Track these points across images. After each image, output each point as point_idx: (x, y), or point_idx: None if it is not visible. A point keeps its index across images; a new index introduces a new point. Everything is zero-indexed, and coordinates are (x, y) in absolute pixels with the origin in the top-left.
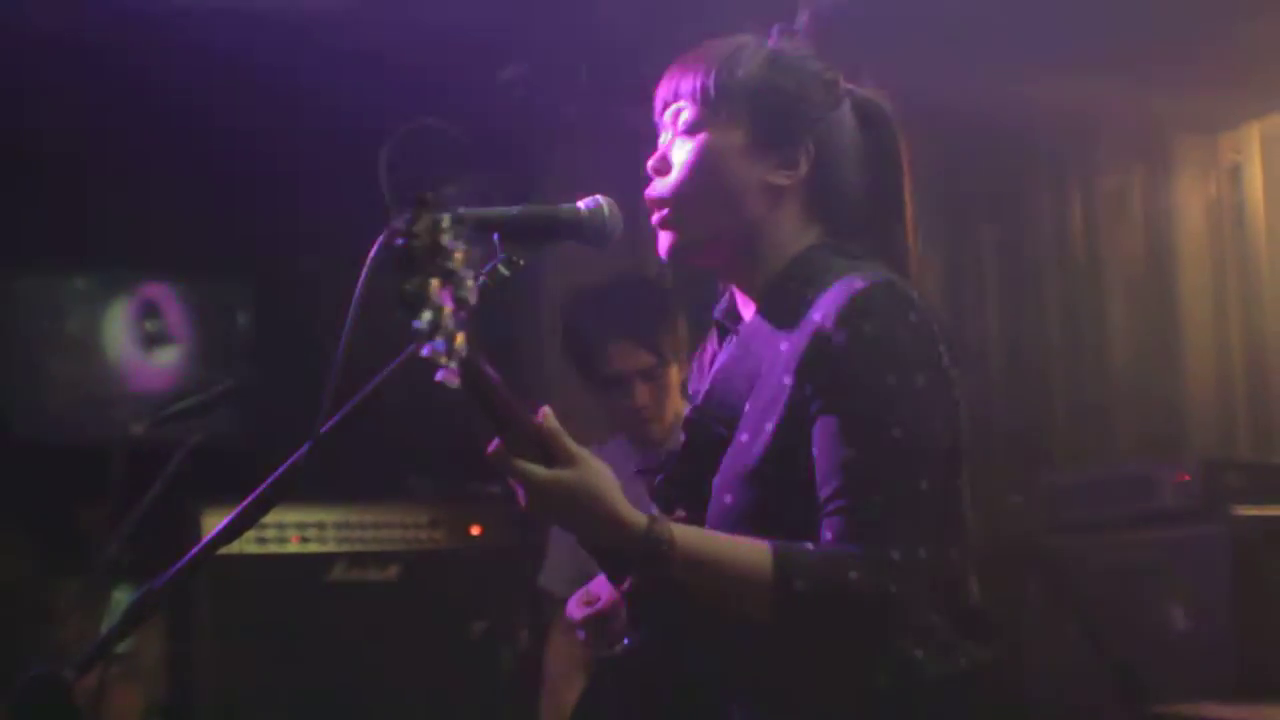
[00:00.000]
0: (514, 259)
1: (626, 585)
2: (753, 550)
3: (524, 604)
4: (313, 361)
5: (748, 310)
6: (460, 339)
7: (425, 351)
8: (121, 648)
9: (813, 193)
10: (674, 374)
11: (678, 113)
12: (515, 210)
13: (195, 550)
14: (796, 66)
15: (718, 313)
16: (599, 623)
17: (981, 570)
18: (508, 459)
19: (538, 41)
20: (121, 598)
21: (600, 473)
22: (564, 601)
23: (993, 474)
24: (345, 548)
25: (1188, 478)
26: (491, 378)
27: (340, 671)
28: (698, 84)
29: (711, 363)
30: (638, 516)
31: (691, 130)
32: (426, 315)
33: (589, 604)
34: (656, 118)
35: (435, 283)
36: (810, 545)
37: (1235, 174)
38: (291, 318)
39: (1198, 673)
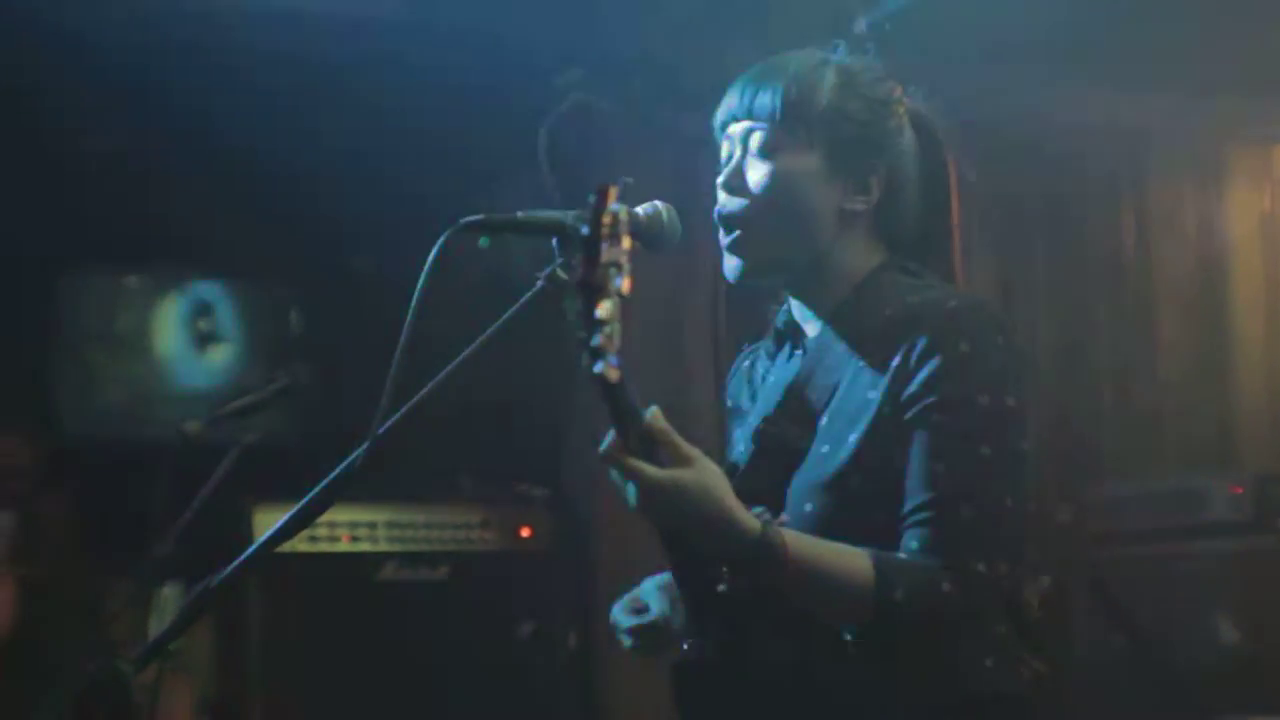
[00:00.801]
0: (572, 263)
1: (716, 588)
2: (855, 556)
3: (572, 606)
4: (363, 361)
5: (810, 325)
6: (619, 332)
7: (595, 341)
8: (173, 644)
9: (881, 215)
10: None
11: (750, 131)
12: (573, 214)
13: (254, 548)
14: (870, 91)
15: (779, 323)
16: (649, 633)
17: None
18: (621, 457)
19: (592, 46)
20: (170, 595)
21: (713, 472)
22: None
23: (1043, 486)
24: (396, 547)
25: (1240, 490)
26: (628, 372)
27: (388, 671)
28: (774, 105)
29: (763, 376)
30: (751, 518)
31: (768, 152)
32: (606, 305)
33: (637, 611)
34: (719, 129)
35: (611, 273)
36: (903, 556)
37: None
38: (342, 317)
39: (1246, 685)
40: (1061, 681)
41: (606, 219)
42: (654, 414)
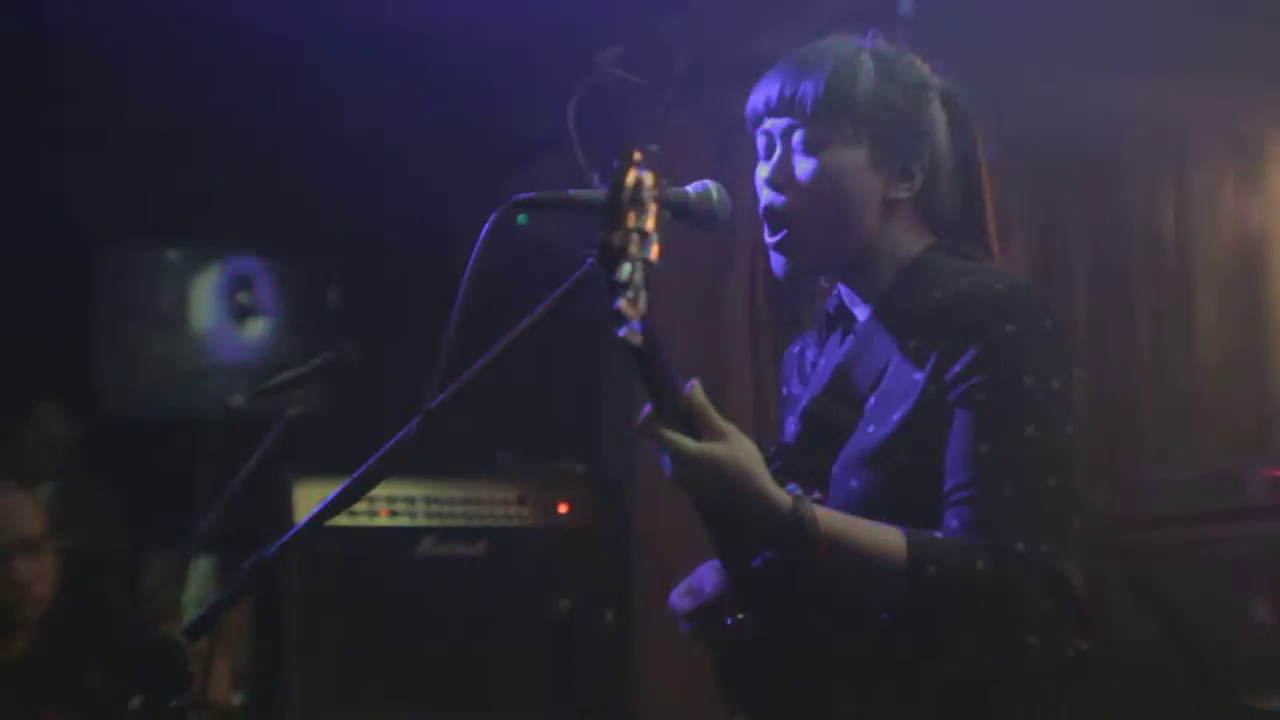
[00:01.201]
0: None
1: (756, 564)
2: (888, 534)
3: (610, 582)
4: (400, 336)
5: (859, 309)
6: (645, 298)
7: (617, 305)
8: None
9: (922, 198)
10: None
11: (792, 126)
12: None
13: (306, 520)
14: (907, 77)
15: (830, 308)
16: (707, 615)
17: None
18: (657, 428)
19: (634, 24)
20: (204, 568)
21: (748, 449)
22: None
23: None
24: (434, 522)
25: (1277, 473)
26: (661, 341)
27: (426, 645)
28: (816, 98)
29: (813, 361)
30: (783, 495)
31: (812, 148)
32: (626, 269)
33: (693, 594)
34: (753, 120)
35: (636, 238)
36: (939, 533)
37: None
38: (380, 292)
39: None
40: (1105, 661)
41: (629, 182)
42: (694, 387)
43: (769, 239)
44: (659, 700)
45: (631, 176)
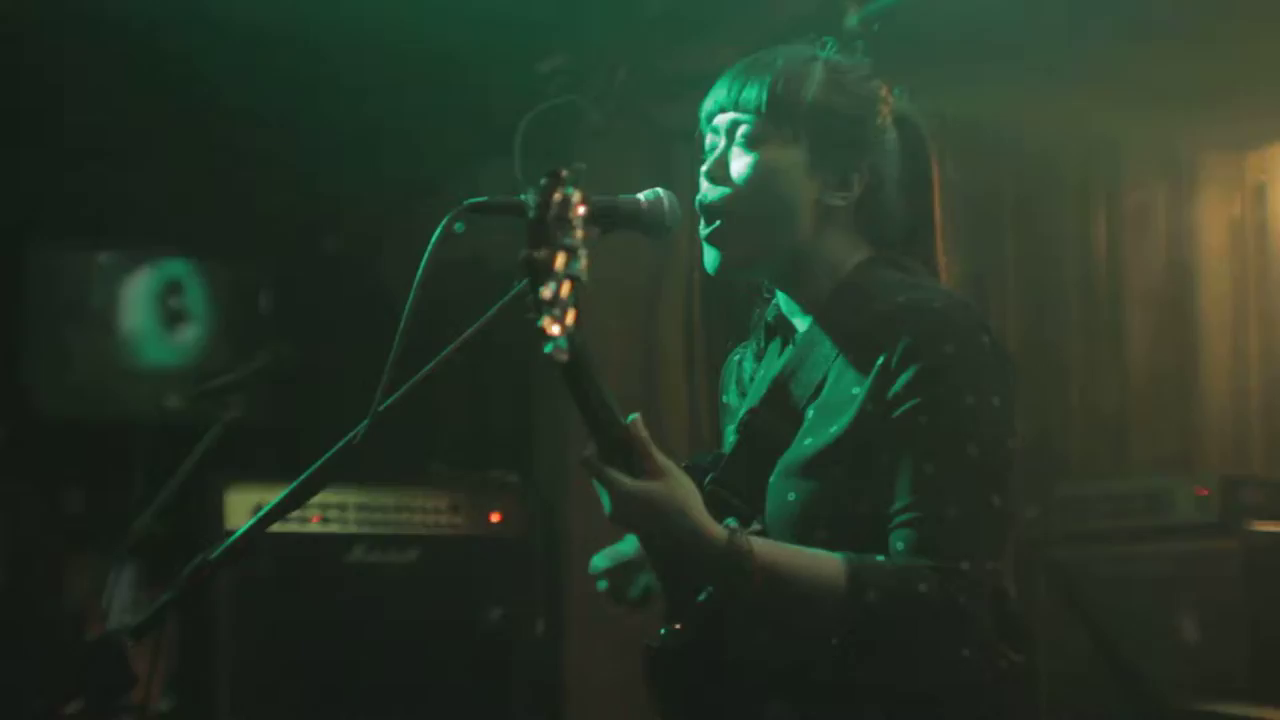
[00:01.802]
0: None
1: (697, 599)
2: (827, 562)
3: (541, 591)
4: (331, 342)
5: (799, 320)
6: (572, 315)
7: (543, 322)
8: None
9: (862, 211)
10: None
11: (737, 123)
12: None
13: (254, 521)
14: (858, 87)
15: (769, 318)
16: (622, 572)
17: None
18: (599, 465)
19: (577, 35)
20: (130, 572)
21: (685, 485)
22: None
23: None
24: (366, 530)
25: (1207, 492)
26: (594, 363)
27: (356, 652)
28: (760, 97)
29: (752, 372)
30: (719, 530)
31: (752, 144)
32: (551, 286)
33: (611, 556)
34: (705, 119)
35: (562, 256)
36: (882, 558)
37: (1260, 194)
38: (310, 299)
39: (1209, 685)
40: (1038, 674)
41: (556, 199)
42: (634, 422)
43: (702, 232)
44: (589, 709)
45: (558, 195)
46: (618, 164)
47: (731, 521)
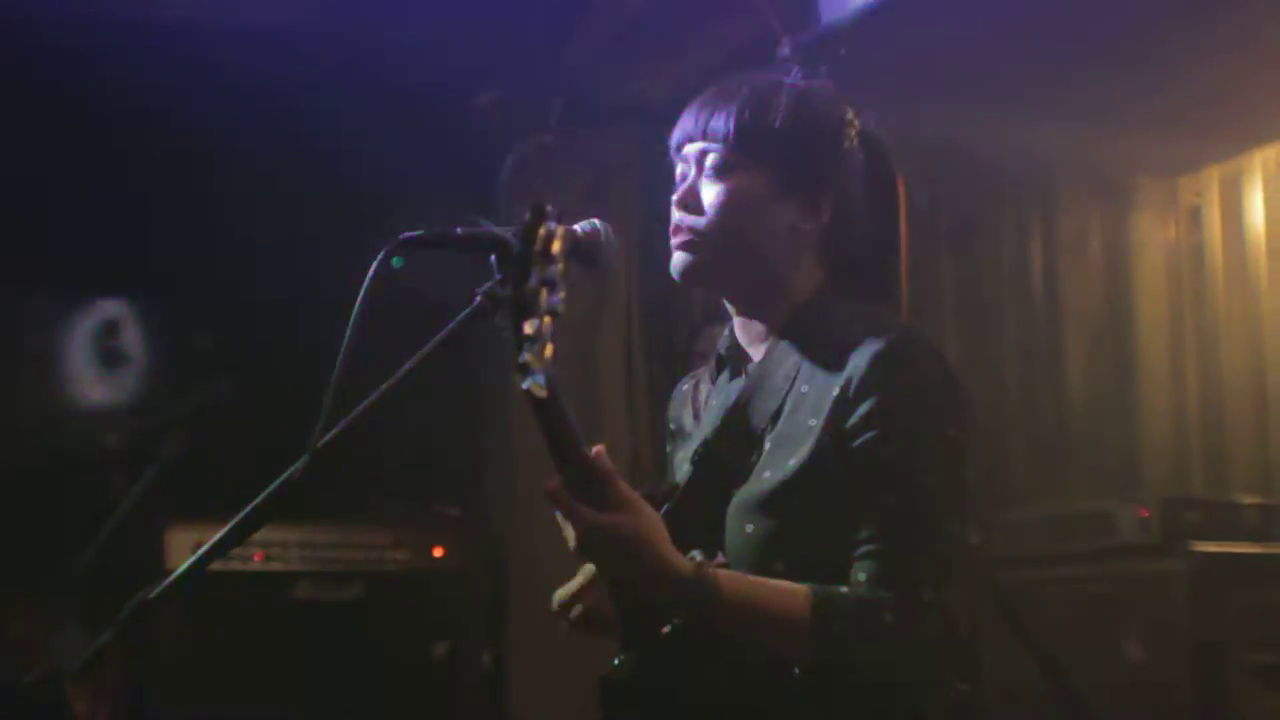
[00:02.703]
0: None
1: (662, 630)
2: (792, 594)
3: (486, 625)
4: (268, 380)
5: (754, 349)
6: (550, 350)
7: (526, 358)
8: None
9: (830, 236)
10: None
11: (705, 152)
12: (513, 230)
13: (195, 558)
14: (824, 111)
15: (722, 348)
16: (595, 591)
17: None
18: (565, 498)
19: (510, 68)
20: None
21: (651, 518)
22: None
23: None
24: (309, 566)
25: (1147, 513)
26: (564, 395)
27: (302, 690)
28: (730, 125)
29: (706, 399)
30: (685, 563)
31: (722, 173)
32: (534, 321)
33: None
34: (674, 149)
35: (545, 290)
36: (845, 589)
37: (1195, 216)
38: (248, 337)
39: (1153, 707)
40: (985, 702)
41: (541, 235)
42: (599, 453)
43: (672, 242)
44: None
45: (543, 229)
46: (556, 196)
47: (696, 554)
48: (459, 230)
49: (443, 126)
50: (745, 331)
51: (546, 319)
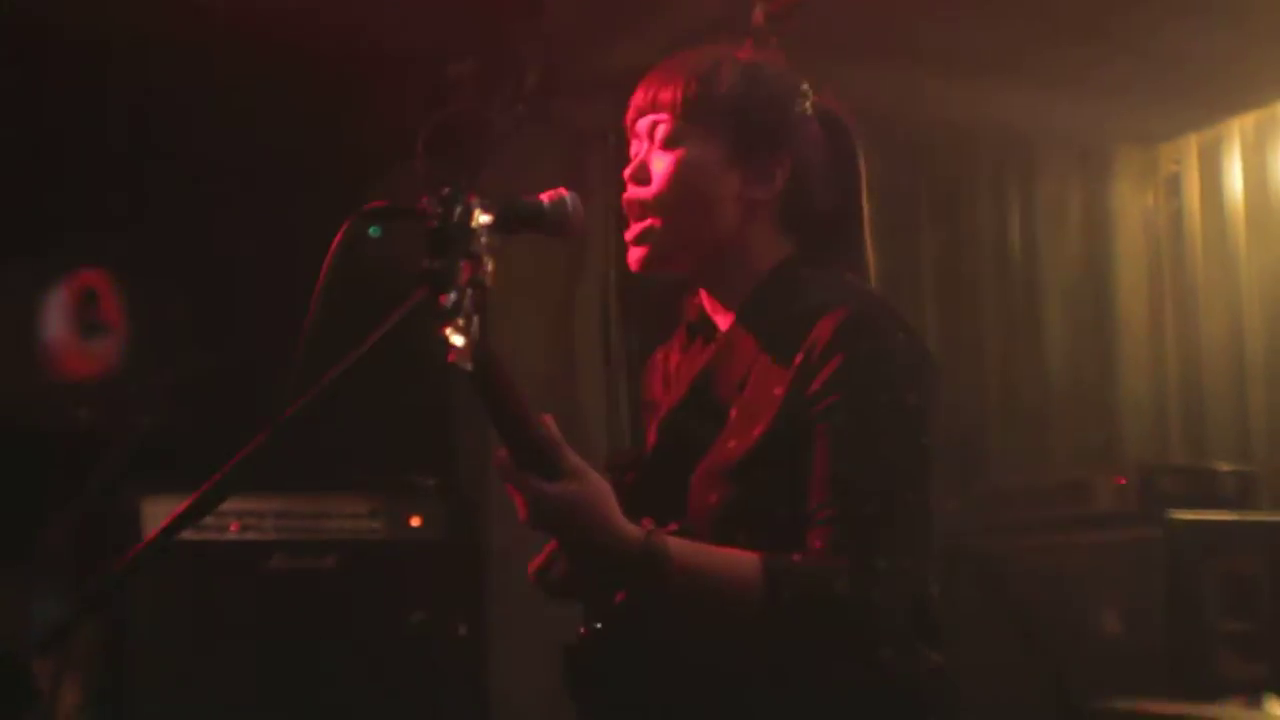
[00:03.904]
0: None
1: (613, 600)
2: (743, 562)
3: (463, 595)
4: (250, 351)
5: (721, 317)
6: (476, 322)
7: (446, 330)
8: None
9: (786, 205)
10: None
11: (655, 124)
12: (477, 202)
13: (153, 535)
14: (774, 81)
15: (691, 316)
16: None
17: None
18: (514, 470)
19: (487, 37)
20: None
21: (601, 487)
22: None
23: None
24: (284, 536)
25: (1124, 481)
26: (502, 368)
27: (277, 660)
28: (678, 96)
29: (675, 368)
30: (635, 531)
31: (671, 143)
32: (451, 296)
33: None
34: (629, 125)
35: (463, 264)
36: (797, 556)
37: (1174, 184)
38: (228, 308)
39: (1130, 675)
40: (957, 674)
41: (457, 208)
42: (546, 423)
43: (627, 234)
44: (516, 711)
45: (459, 203)
46: (530, 165)
47: (648, 522)
48: (425, 201)
49: (420, 96)
50: (712, 301)
51: (469, 291)
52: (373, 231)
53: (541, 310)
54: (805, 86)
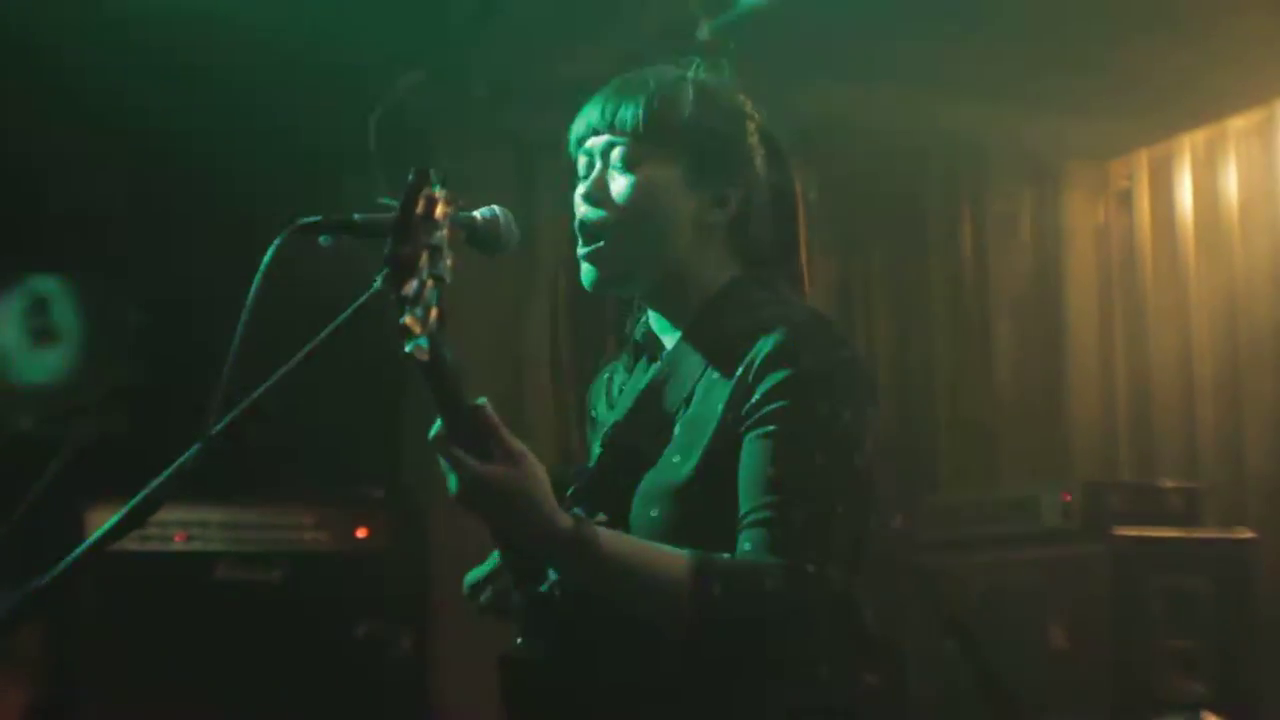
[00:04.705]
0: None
1: (540, 588)
2: (672, 556)
3: (408, 607)
4: (199, 359)
5: (668, 337)
6: (434, 314)
7: (405, 320)
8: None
9: (735, 228)
10: None
11: (612, 144)
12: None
13: (82, 548)
14: (729, 108)
15: (638, 336)
16: (499, 578)
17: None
18: (448, 446)
19: (433, 48)
20: None
21: (535, 471)
22: None
23: (872, 467)
24: (230, 547)
25: (1070, 498)
26: (450, 358)
27: (223, 671)
28: (636, 118)
29: (621, 387)
30: (565, 518)
31: (630, 164)
32: (413, 284)
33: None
34: (575, 142)
35: (425, 254)
36: (727, 555)
37: (1125, 200)
38: (179, 316)
39: (1075, 691)
40: (897, 694)
41: (421, 198)
42: (484, 406)
43: (580, 250)
44: None
45: (424, 193)
46: (481, 176)
47: (578, 511)
48: (356, 216)
49: (368, 107)
50: (660, 320)
51: (430, 282)
52: (323, 240)
53: (491, 322)
54: (750, 108)
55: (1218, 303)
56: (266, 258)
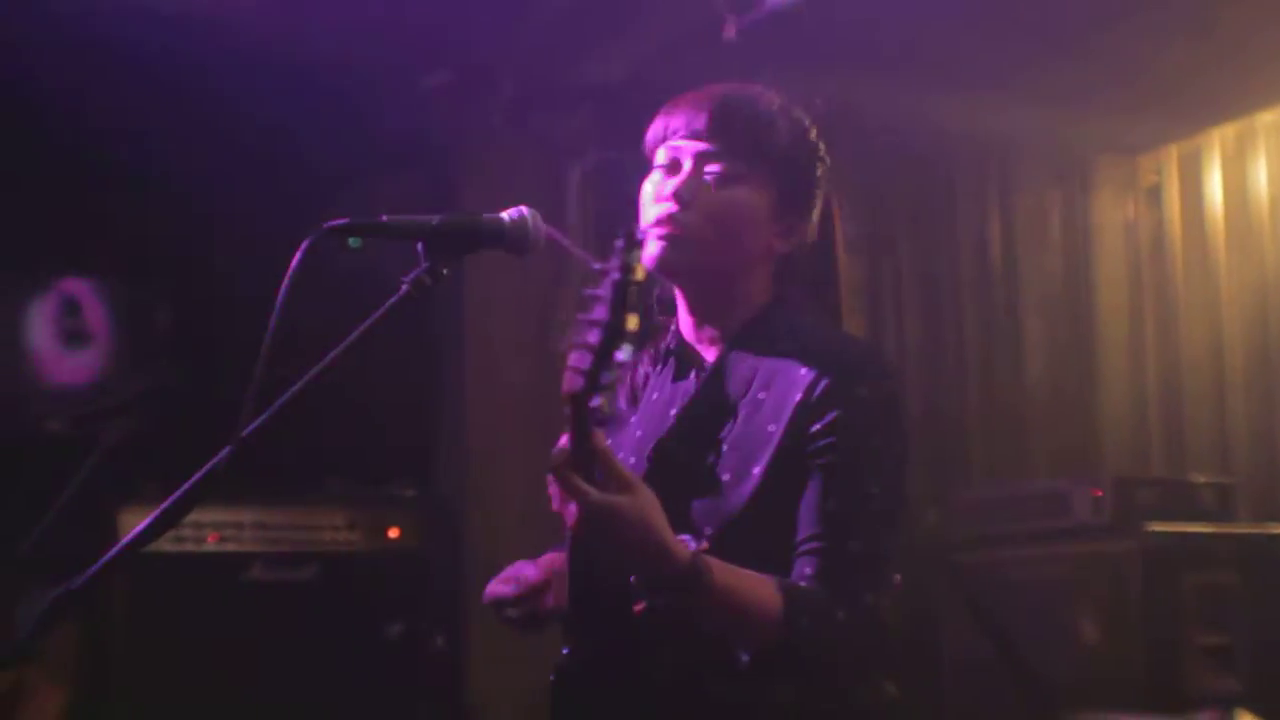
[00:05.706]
0: (437, 268)
1: (639, 609)
2: (765, 585)
3: (441, 607)
4: (231, 361)
5: (706, 349)
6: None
7: (608, 379)
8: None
9: (789, 255)
10: None
11: (708, 154)
12: (438, 219)
13: (115, 550)
14: (813, 145)
15: (671, 343)
16: (535, 598)
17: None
18: (569, 475)
19: (463, 49)
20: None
21: (651, 500)
22: None
23: (909, 489)
24: (263, 547)
25: (1101, 493)
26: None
27: (256, 671)
28: (740, 138)
29: (644, 384)
30: (682, 547)
31: (727, 181)
32: (629, 349)
33: (512, 583)
34: (667, 133)
35: (633, 317)
36: (802, 583)
37: (1154, 195)
38: (210, 317)
39: (1107, 686)
40: (932, 695)
41: (636, 265)
42: (597, 434)
43: (656, 230)
44: None
45: (640, 262)
46: (508, 178)
47: (687, 539)
48: (385, 218)
49: (396, 107)
50: (697, 333)
51: (628, 347)
52: (353, 243)
53: (523, 321)
54: (824, 153)
55: (1248, 297)
56: (296, 259)
